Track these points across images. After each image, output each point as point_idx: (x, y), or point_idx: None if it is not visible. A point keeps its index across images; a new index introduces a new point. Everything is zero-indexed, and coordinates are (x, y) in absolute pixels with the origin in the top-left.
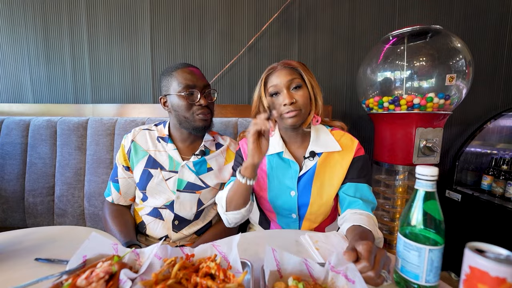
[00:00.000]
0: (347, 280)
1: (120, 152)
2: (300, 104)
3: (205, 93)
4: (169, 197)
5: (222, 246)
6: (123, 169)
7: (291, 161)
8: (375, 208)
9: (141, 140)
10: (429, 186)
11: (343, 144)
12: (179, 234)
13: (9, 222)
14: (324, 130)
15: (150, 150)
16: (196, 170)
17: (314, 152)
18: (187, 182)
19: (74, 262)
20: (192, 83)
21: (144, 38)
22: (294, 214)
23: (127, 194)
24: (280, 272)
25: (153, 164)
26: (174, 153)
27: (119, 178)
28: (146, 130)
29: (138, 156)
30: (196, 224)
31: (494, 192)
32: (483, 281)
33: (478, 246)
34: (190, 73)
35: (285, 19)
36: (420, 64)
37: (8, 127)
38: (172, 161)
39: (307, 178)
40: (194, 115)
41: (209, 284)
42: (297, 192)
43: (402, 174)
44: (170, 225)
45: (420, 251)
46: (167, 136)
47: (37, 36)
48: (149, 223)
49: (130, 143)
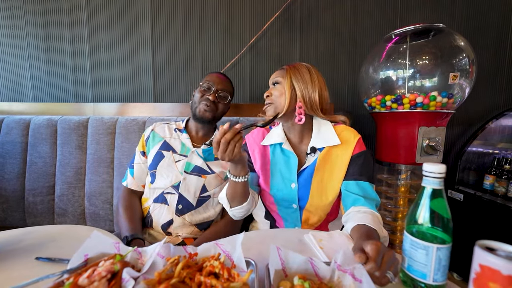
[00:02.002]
0: (354, 279)
1: (140, 140)
2: (272, 97)
3: (218, 93)
4: (177, 178)
5: (225, 245)
6: (139, 155)
7: (290, 152)
8: (377, 207)
9: (160, 130)
10: (437, 184)
11: (344, 138)
12: (181, 219)
13: (9, 222)
14: (326, 124)
15: (166, 137)
16: (204, 157)
17: (315, 147)
18: (194, 165)
19: (76, 261)
20: (211, 82)
21: (145, 37)
22: (295, 205)
23: (140, 179)
24: (285, 271)
25: (166, 147)
26: (187, 141)
27: (135, 163)
28: (166, 124)
29: (154, 141)
30: (197, 212)
31: (497, 191)
32: (494, 280)
33: (488, 244)
34: (215, 76)
35: (286, 18)
36: (423, 62)
37: (8, 126)
38: (184, 147)
39: (308, 172)
40: (200, 104)
41: (214, 283)
42: (297, 184)
43: (404, 173)
44: (174, 209)
45: (427, 250)
46: (183, 128)
47: (37, 35)
48: (155, 210)
49: (150, 132)
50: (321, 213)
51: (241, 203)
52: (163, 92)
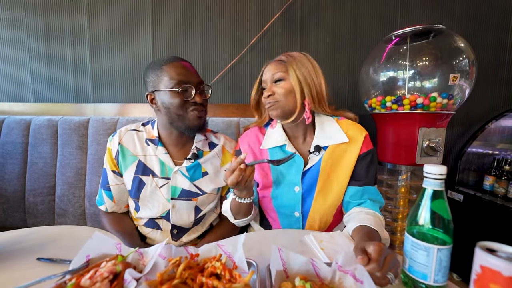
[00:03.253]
0: (355, 280)
1: (108, 156)
2: (277, 96)
3: (200, 89)
4: (165, 207)
5: (227, 246)
6: (114, 175)
7: (295, 154)
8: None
9: (129, 143)
10: (437, 185)
11: (351, 135)
12: (179, 242)
13: (10, 222)
14: (329, 120)
15: (139, 155)
16: (190, 176)
17: (320, 146)
18: (181, 189)
19: (77, 261)
20: (186, 79)
21: (146, 37)
22: (297, 212)
23: (121, 201)
24: (286, 272)
25: (143, 171)
26: (165, 157)
27: (111, 185)
28: (134, 131)
29: (126, 162)
30: (196, 230)
31: (496, 192)
32: (495, 281)
33: (489, 245)
34: (183, 68)
35: (287, 18)
36: (423, 63)
37: (9, 126)
38: (164, 167)
39: (312, 173)
40: (188, 113)
41: (215, 284)
42: (301, 187)
43: (404, 174)
44: (169, 234)
45: (428, 251)
46: (157, 138)
47: (38, 35)
48: (148, 233)
49: (117, 146)
50: (325, 218)
51: (245, 217)
52: None
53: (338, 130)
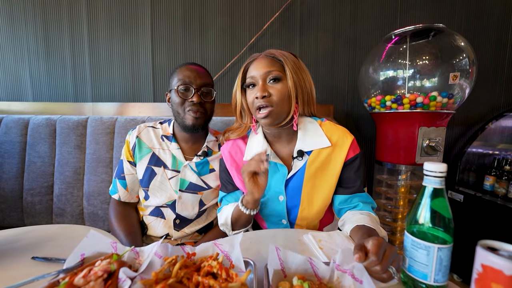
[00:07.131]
0: (354, 280)
1: (125, 148)
2: (274, 100)
3: (201, 91)
4: (171, 196)
5: (224, 245)
6: (129, 165)
7: (278, 164)
8: (376, 208)
9: (146, 137)
10: (438, 183)
11: (335, 140)
12: (181, 232)
13: (7, 222)
14: (311, 122)
15: (154, 148)
16: (198, 171)
17: (302, 151)
18: (189, 182)
19: (72, 260)
20: (188, 79)
21: (145, 37)
22: (285, 220)
23: (134, 190)
24: (284, 271)
25: (156, 162)
26: (178, 152)
27: (126, 174)
28: (151, 127)
29: (141, 153)
30: (198, 223)
31: (497, 192)
32: (496, 280)
33: (490, 244)
34: (189, 70)
35: (286, 18)
36: (423, 62)
37: (7, 125)
38: (175, 160)
39: (296, 180)
40: (186, 112)
41: (211, 283)
42: (285, 197)
43: (404, 174)
44: (171, 223)
45: (428, 250)
46: (171, 135)
47: (37, 34)
48: (150, 222)
49: (135, 139)
50: (313, 223)
51: (243, 227)
52: (162, 92)
53: (320, 134)
